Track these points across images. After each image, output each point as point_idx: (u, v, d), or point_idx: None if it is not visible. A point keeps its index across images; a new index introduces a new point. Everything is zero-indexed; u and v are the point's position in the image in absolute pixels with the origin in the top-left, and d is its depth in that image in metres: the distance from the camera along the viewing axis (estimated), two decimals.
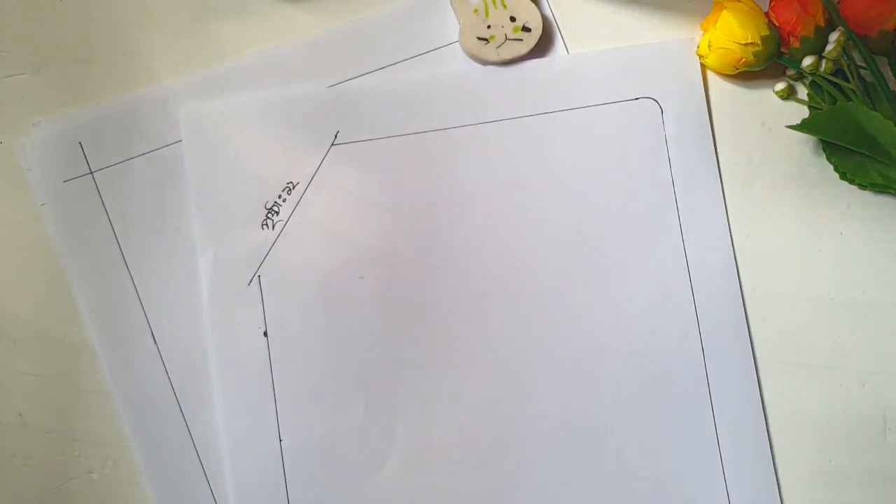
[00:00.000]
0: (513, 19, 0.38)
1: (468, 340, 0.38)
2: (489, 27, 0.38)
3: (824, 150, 0.39)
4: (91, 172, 0.38)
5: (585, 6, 0.40)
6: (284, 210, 0.38)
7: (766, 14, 0.39)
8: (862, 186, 0.39)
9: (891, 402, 0.39)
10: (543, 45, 0.39)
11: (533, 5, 0.38)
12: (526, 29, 0.38)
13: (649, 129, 0.39)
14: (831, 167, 0.39)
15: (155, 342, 0.38)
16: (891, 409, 0.39)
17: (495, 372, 0.38)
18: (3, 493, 0.37)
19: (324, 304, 0.38)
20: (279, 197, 0.38)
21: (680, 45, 0.39)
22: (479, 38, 0.37)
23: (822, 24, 0.38)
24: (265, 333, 0.37)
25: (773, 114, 0.40)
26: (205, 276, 0.37)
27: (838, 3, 0.38)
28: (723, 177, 0.40)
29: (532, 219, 0.38)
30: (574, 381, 0.38)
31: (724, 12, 0.38)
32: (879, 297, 0.39)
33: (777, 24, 0.38)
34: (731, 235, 0.39)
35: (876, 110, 0.37)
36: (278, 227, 0.38)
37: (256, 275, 0.37)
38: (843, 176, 0.39)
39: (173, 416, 0.37)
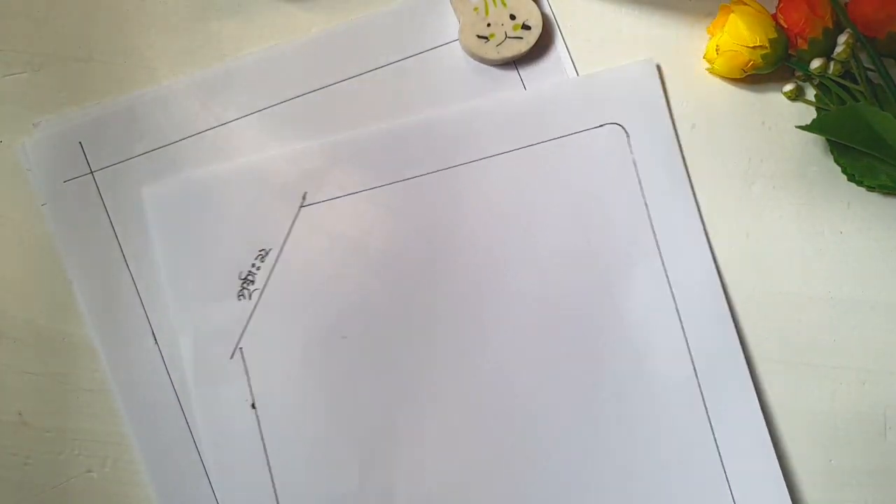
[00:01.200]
0: (512, 17, 0.38)
1: (458, 388, 0.38)
2: (489, 25, 0.38)
3: (832, 152, 0.39)
4: (91, 172, 0.38)
5: (585, 4, 0.40)
6: (259, 278, 0.37)
7: (774, 16, 0.39)
8: (870, 188, 0.39)
9: (891, 401, 0.39)
10: (543, 43, 0.39)
11: (532, 3, 0.38)
12: (526, 27, 0.37)
13: (617, 154, 0.39)
14: (831, 166, 0.39)
15: (156, 341, 0.38)
16: (891, 408, 0.39)
17: (488, 417, 0.37)
18: (2, 492, 0.37)
19: (309, 368, 0.37)
20: (253, 265, 0.37)
21: (640, 67, 0.39)
22: (479, 37, 0.37)
23: (831, 26, 0.38)
24: (253, 405, 0.37)
25: (774, 113, 0.40)
26: (186, 354, 0.37)
27: (846, 4, 0.38)
28: (722, 176, 0.40)
29: (511, 257, 0.38)
30: (571, 420, 0.38)
31: (732, 15, 0.38)
32: (879, 296, 0.39)
33: (785, 27, 0.38)
34: (712, 253, 0.39)
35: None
36: (255, 296, 0.37)
37: (238, 347, 0.37)
38: (852, 178, 0.39)
39: (174, 415, 0.37)
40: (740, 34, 0.37)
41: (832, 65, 0.38)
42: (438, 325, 0.38)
